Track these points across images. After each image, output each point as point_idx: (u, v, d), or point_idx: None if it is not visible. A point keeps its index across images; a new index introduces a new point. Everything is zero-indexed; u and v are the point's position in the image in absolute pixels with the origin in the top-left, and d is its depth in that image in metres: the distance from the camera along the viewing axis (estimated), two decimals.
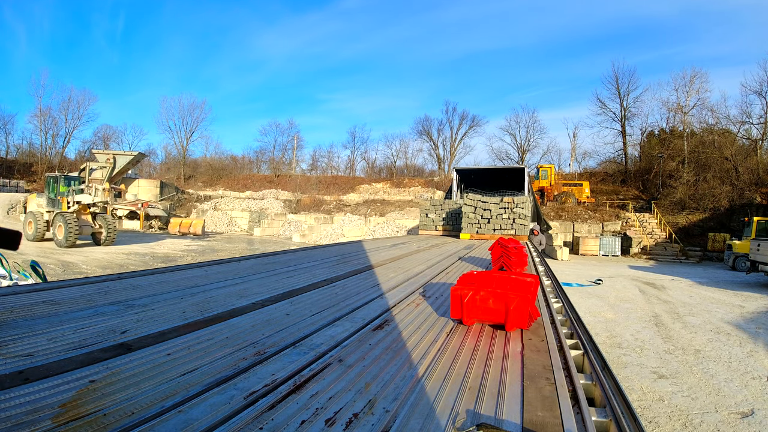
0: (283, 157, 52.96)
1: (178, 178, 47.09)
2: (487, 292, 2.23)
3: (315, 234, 31.20)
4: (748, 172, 28.41)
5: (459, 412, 1.28)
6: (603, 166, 41.44)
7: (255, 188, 44.59)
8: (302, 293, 3.01)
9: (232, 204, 40.01)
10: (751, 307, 10.87)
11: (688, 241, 25.78)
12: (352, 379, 1.50)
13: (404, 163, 52.47)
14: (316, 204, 39.76)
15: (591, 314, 9.47)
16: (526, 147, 47.03)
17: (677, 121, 36.54)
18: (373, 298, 2.96)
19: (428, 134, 51.68)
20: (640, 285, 14.24)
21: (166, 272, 3.69)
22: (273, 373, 1.51)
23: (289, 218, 35.99)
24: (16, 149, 46.44)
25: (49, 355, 1.56)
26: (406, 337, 2.08)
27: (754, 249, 14.84)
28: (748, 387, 5.64)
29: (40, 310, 2.20)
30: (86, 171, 19.40)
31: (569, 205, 30.87)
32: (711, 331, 8.52)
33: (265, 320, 2.23)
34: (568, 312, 3.09)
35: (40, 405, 1.17)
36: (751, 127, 32.74)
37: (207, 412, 1.19)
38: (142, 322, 2.07)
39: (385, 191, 41.55)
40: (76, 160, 44.86)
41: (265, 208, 39.15)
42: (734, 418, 4.76)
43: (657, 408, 5.01)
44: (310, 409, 1.24)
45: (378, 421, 1.19)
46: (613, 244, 24.95)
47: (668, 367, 6.39)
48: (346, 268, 4.49)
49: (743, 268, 17.06)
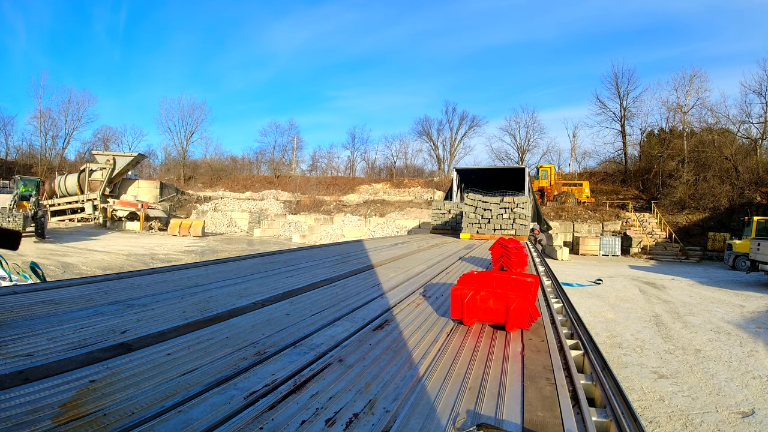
0: (283, 158, 53.00)
1: (178, 179, 47.08)
2: (487, 292, 2.23)
3: (315, 235, 31.20)
4: (748, 171, 28.42)
5: (459, 412, 1.27)
6: (603, 166, 41.45)
7: (255, 189, 44.58)
8: (302, 293, 3.01)
9: (231, 205, 40.01)
10: (751, 307, 10.86)
11: (688, 240, 25.78)
12: (352, 379, 1.50)
13: (404, 163, 52.54)
14: (316, 205, 39.76)
15: (591, 314, 9.46)
16: (525, 147, 47.06)
17: (677, 120, 36.57)
18: (374, 298, 2.96)
19: (428, 134, 51.73)
20: (640, 285, 14.24)
21: (166, 272, 3.69)
22: (273, 373, 1.50)
23: (289, 219, 35.99)
24: (15, 150, 46.47)
25: (49, 355, 1.56)
26: (406, 337, 2.07)
27: (754, 248, 14.84)
28: (749, 387, 5.63)
29: (40, 310, 2.20)
30: (86, 172, 19.66)
31: (569, 205, 30.87)
32: (711, 330, 8.52)
33: (265, 320, 2.23)
34: (568, 312, 3.09)
35: (40, 405, 1.17)
36: (751, 126, 32.77)
37: (207, 412, 1.19)
38: (142, 321, 2.07)
39: (385, 192, 41.55)
40: (76, 161, 44.86)
41: (265, 208, 39.15)
42: (735, 418, 4.76)
43: (657, 408, 5.00)
44: (311, 409, 1.24)
45: (378, 421, 1.19)
46: (613, 244, 24.94)
47: (668, 366, 6.38)
48: (346, 267, 4.49)
49: (743, 267, 17.05)
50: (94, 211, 31.13)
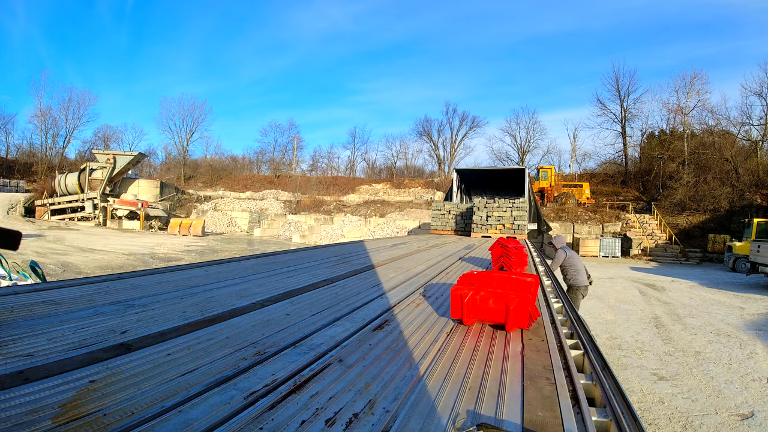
0: (284, 158, 53.04)
1: (178, 179, 47.09)
2: (487, 292, 2.23)
3: (315, 235, 31.20)
4: (748, 173, 28.42)
5: (459, 412, 1.27)
6: (603, 168, 41.46)
7: (255, 189, 44.60)
8: (302, 293, 3.01)
9: (232, 204, 40.03)
10: (751, 309, 10.86)
11: (688, 242, 25.77)
12: (352, 379, 1.50)
13: (404, 163, 52.57)
14: (316, 205, 39.77)
15: (591, 315, 9.46)
16: (526, 148, 47.11)
17: (677, 122, 36.61)
18: (374, 298, 2.96)
19: (428, 135, 51.78)
20: (640, 286, 14.23)
21: (166, 272, 3.69)
22: (273, 373, 1.50)
23: (289, 219, 36.00)
24: (16, 149, 46.56)
25: (49, 355, 1.56)
26: (406, 337, 2.07)
27: (754, 250, 14.83)
28: (749, 389, 5.63)
29: (40, 310, 2.20)
30: (86, 171, 19.62)
31: (569, 206, 30.88)
32: (711, 332, 8.51)
33: (265, 320, 2.23)
34: (568, 312, 3.09)
35: (40, 405, 1.17)
36: (752, 128, 32.79)
37: (207, 412, 1.19)
38: (142, 322, 2.07)
39: (385, 192, 41.56)
40: (77, 160, 44.89)
41: (265, 208, 39.15)
42: (734, 420, 4.75)
43: (657, 410, 5.00)
44: (311, 409, 1.24)
45: (378, 421, 1.19)
46: (613, 246, 24.94)
47: (668, 368, 6.38)
48: (346, 268, 4.49)
49: (743, 269, 17.05)
50: (95, 210, 31.14)
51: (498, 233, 12.58)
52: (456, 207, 14.92)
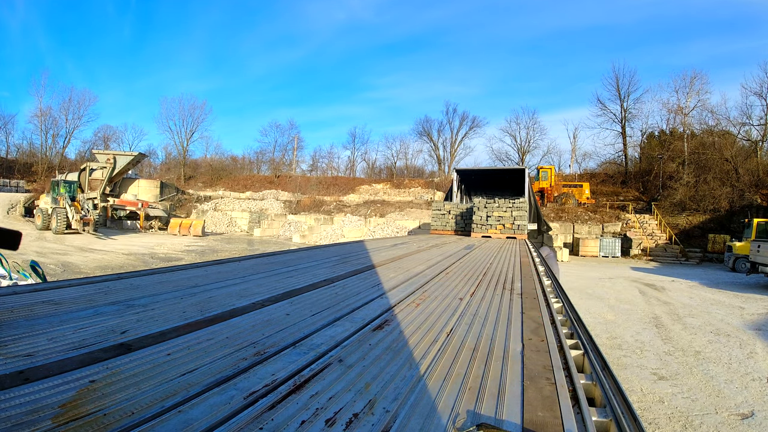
0: (284, 158, 53.06)
1: (179, 179, 47.10)
2: None
3: (315, 235, 31.20)
4: (748, 173, 28.42)
5: (459, 412, 1.27)
6: (603, 168, 41.48)
7: (255, 189, 44.60)
8: (302, 293, 3.01)
9: (232, 204, 40.03)
10: (751, 309, 10.86)
11: (688, 242, 25.77)
12: (352, 379, 1.50)
13: (404, 164, 52.59)
14: (316, 205, 39.76)
15: (591, 315, 9.46)
16: (526, 148, 47.14)
17: (677, 122, 36.63)
18: (374, 298, 2.95)
19: (428, 135, 51.80)
20: (640, 286, 14.23)
21: (166, 272, 3.69)
22: (273, 373, 1.50)
23: (289, 219, 36.00)
24: (16, 149, 46.60)
25: (49, 355, 1.56)
26: (406, 337, 2.07)
27: (754, 250, 14.83)
28: (748, 388, 5.63)
29: (40, 310, 2.20)
30: (86, 171, 19.90)
31: (569, 207, 30.87)
32: (711, 332, 8.51)
33: (265, 320, 2.22)
34: (568, 312, 3.09)
35: (40, 405, 1.17)
36: (752, 128, 32.82)
37: (207, 412, 1.19)
38: (142, 322, 2.07)
39: (385, 192, 41.55)
40: (77, 160, 44.89)
41: (265, 208, 39.15)
42: (734, 420, 4.75)
43: (657, 409, 5.00)
44: (310, 409, 1.24)
45: (378, 421, 1.19)
46: (613, 246, 24.94)
47: (668, 368, 6.38)
48: (346, 268, 4.49)
49: (743, 269, 17.05)
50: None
51: (498, 233, 12.59)
52: (456, 207, 14.92)
